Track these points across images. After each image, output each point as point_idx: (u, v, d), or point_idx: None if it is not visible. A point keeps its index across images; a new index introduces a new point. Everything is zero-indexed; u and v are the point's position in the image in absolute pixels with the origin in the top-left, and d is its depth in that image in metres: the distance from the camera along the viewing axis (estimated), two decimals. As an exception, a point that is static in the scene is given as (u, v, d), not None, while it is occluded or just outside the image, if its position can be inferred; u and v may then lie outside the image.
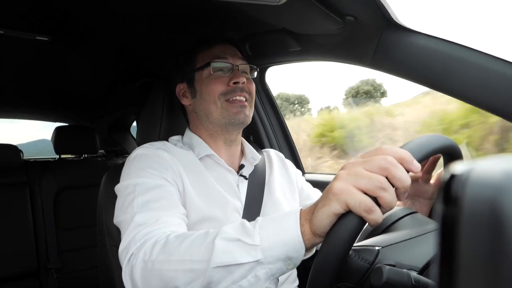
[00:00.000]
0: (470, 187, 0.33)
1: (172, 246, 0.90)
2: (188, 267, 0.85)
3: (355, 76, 11.90)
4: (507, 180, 0.31)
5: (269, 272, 0.80)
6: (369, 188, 0.68)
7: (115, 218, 1.15)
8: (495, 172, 0.32)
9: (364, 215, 0.67)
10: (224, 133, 1.36)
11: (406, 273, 0.71)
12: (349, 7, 1.21)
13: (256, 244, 0.80)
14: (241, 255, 0.80)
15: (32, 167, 2.94)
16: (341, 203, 0.69)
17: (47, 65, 2.24)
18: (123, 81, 2.62)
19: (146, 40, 1.87)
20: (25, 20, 1.58)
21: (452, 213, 0.34)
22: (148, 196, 1.10)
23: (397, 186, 0.69)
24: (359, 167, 0.71)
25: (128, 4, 1.46)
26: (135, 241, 0.98)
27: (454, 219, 0.33)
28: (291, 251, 0.78)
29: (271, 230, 0.81)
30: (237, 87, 1.30)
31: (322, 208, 0.72)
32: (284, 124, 2.23)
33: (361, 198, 0.68)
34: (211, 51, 1.35)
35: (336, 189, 0.71)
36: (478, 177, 0.33)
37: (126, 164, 1.24)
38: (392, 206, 0.69)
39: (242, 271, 0.80)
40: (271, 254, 0.78)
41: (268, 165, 1.50)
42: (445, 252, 0.35)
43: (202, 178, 1.26)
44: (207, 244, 0.85)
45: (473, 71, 1.11)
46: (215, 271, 0.82)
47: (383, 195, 0.68)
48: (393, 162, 0.69)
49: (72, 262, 2.89)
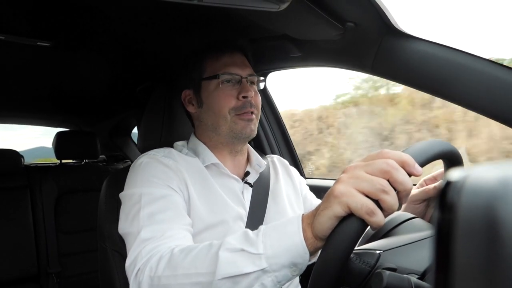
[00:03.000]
0: (466, 194, 0.33)
1: (177, 260, 0.90)
2: (194, 280, 0.85)
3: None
4: (502, 187, 0.31)
5: (275, 279, 0.80)
6: (370, 190, 0.68)
7: (120, 229, 1.15)
8: (490, 179, 0.32)
9: (366, 218, 0.67)
10: (229, 144, 1.35)
11: (406, 278, 0.71)
12: (349, 13, 1.21)
13: (260, 253, 0.79)
14: (245, 265, 0.80)
15: (33, 172, 2.94)
16: (343, 206, 0.69)
17: (48, 70, 2.24)
18: (124, 86, 2.63)
19: (147, 45, 1.87)
20: (26, 25, 1.59)
21: (448, 220, 0.34)
22: (154, 207, 1.09)
23: (399, 189, 0.69)
24: (360, 170, 0.71)
25: (128, 9, 1.46)
26: (141, 256, 0.98)
27: (450, 226, 0.33)
28: (296, 257, 0.78)
29: (274, 237, 0.80)
30: (247, 102, 1.28)
31: (324, 211, 0.72)
32: (285, 129, 2.23)
33: (363, 200, 0.68)
34: (220, 60, 1.33)
35: (337, 191, 0.71)
36: (474, 184, 0.33)
37: (131, 171, 1.24)
38: (394, 209, 0.69)
39: (248, 280, 0.80)
40: (275, 261, 0.78)
41: (273, 172, 1.49)
42: (441, 258, 0.35)
43: (207, 185, 1.26)
44: (211, 256, 0.85)
45: (473, 77, 1.11)
46: (221, 283, 0.81)
47: (385, 198, 0.68)
48: (395, 165, 0.69)
49: (72, 267, 2.88)
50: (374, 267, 0.78)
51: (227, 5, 0.96)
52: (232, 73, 1.31)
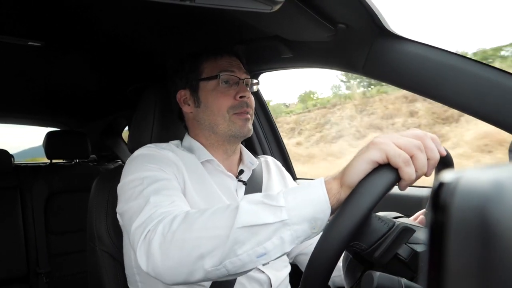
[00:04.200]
0: (459, 196, 0.33)
1: (193, 217, 0.89)
2: (211, 233, 0.84)
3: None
4: (495, 189, 0.31)
5: (294, 234, 0.79)
6: (407, 146, 0.74)
7: (120, 208, 1.13)
8: (483, 181, 0.32)
9: (402, 166, 0.72)
10: (225, 143, 1.37)
11: (397, 279, 0.71)
12: (341, 14, 1.21)
13: (281, 205, 0.80)
14: (266, 216, 0.80)
15: (23, 172, 2.93)
16: (381, 152, 0.73)
17: (39, 70, 2.23)
18: (115, 86, 2.62)
19: (139, 46, 1.87)
20: (17, 25, 1.57)
21: (441, 221, 0.34)
22: (158, 185, 1.09)
23: (429, 156, 0.75)
24: (395, 134, 0.77)
25: (120, 10, 1.46)
26: (151, 219, 0.96)
27: (443, 227, 0.34)
28: (317, 211, 0.78)
29: (295, 193, 0.82)
30: (243, 101, 1.32)
31: (360, 156, 0.76)
32: (276, 129, 2.23)
33: (400, 151, 0.73)
34: (218, 62, 1.36)
35: (377, 140, 0.76)
36: (467, 186, 0.33)
37: (128, 162, 1.23)
38: (424, 170, 0.75)
39: (267, 232, 0.79)
40: (296, 214, 0.78)
41: (265, 170, 1.51)
42: (434, 259, 0.35)
43: (203, 180, 1.27)
44: (230, 210, 0.84)
45: (464, 78, 1.12)
46: (240, 232, 0.80)
47: (419, 156, 0.73)
48: (427, 135, 0.77)
49: (62, 267, 2.87)
50: (392, 228, 0.78)
51: (219, 6, 0.96)
52: (231, 74, 1.34)
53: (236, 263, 0.82)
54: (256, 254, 0.80)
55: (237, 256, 0.81)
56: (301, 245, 1.42)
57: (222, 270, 0.83)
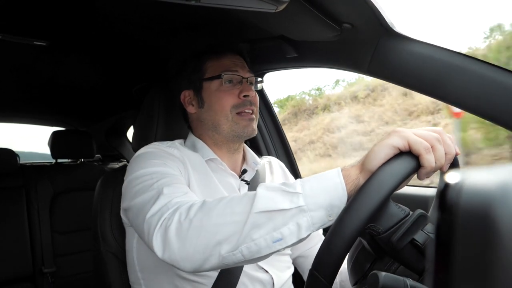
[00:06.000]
0: (465, 196, 0.33)
1: (210, 205, 0.90)
2: (229, 219, 0.85)
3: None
4: (500, 189, 0.31)
5: (310, 220, 0.80)
6: (427, 137, 0.77)
7: (126, 204, 1.13)
8: (489, 181, 0.32)
9: (423, 153, 0.75)
10: (228, 143, 1.37)
11: (402, 280, 0.71)
12: (346, 14, 1.21)
13: (298, 192, 0.82)
14: (283, 201, 0.82)
15: (28, 171, 2.93)
16: (403, 139, 0.77)
17: (44, 70, 2.23)
18: (120, 86, 2.62)
19: (143, 46, 1.87)
20: (23, 25, 1.58)
21: (447, 221, 0.34)
22: (168, 178, 1.09)
23: (446, 150, 0.79)
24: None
25: (125, 10, 1.46)
26: (167, 207, 0.96)
27: (449, 227, 0.34)
28: (334, 198, 0.80)
29: (312, 181, 0.84)
30: (247, 100, 1.31)
31: (382, 141, 0.79)
32: (281, 130, 2.22)
33: (421, 139, 0.76)
34: (221, 61, 1.35)
35: (399, 129, 0.79)
36: (473, 187, 0.33)
37: (133, 160, 1.22)
38: (442, 162, 0.78)
39: (283, 218, 0.81)
40: (313, 201, 0.80)
41: (269, 171, 1.51)
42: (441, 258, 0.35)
43: (207, 178, 1.28)
44: (248, 197, 0.86)
45: (469, 78, 1.11)
46: (257, 217, 0.82)
47: (438, 147, 0.77)
48: (445, 132, 0.81)
49: (67, 266, 2.87)
50: (409, 215, 0.80)
51: (224, 5, 0.96)
52: (234, 73, 1.33)
53: (252, 248, 0.83)
54: (273, 239, 0.82)
55: (253, 241, 0.82)
56: (301, 248, 1.43)
57: (238, 255, 0.84)
